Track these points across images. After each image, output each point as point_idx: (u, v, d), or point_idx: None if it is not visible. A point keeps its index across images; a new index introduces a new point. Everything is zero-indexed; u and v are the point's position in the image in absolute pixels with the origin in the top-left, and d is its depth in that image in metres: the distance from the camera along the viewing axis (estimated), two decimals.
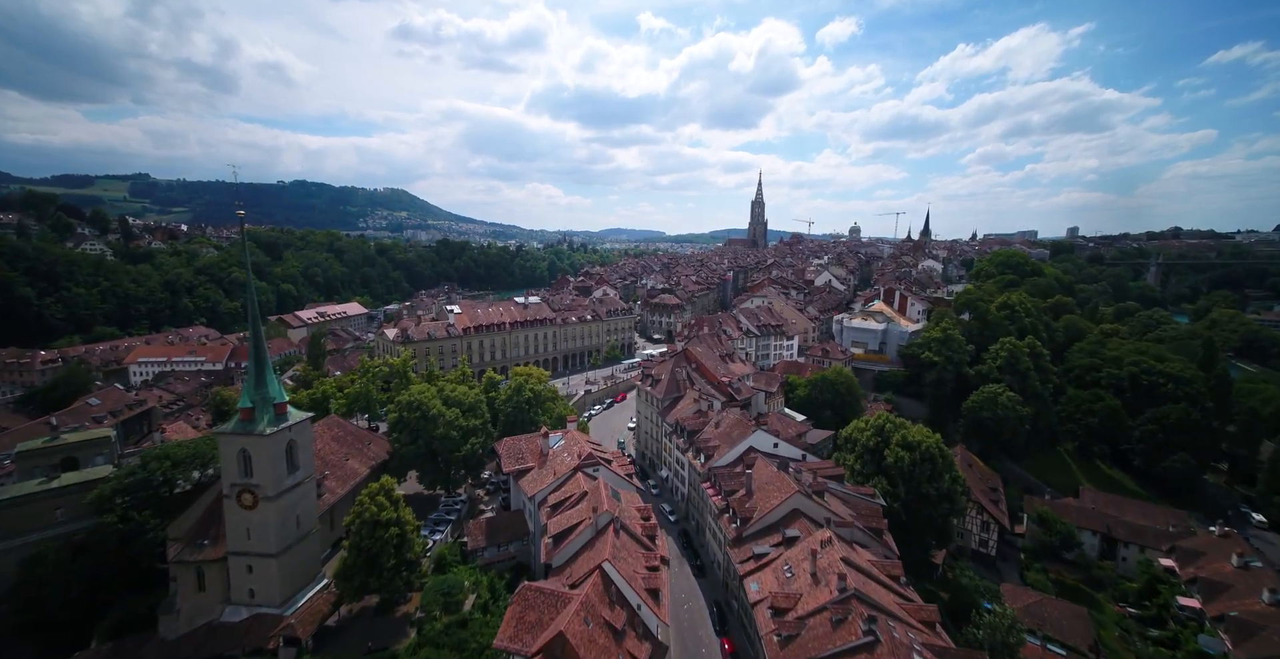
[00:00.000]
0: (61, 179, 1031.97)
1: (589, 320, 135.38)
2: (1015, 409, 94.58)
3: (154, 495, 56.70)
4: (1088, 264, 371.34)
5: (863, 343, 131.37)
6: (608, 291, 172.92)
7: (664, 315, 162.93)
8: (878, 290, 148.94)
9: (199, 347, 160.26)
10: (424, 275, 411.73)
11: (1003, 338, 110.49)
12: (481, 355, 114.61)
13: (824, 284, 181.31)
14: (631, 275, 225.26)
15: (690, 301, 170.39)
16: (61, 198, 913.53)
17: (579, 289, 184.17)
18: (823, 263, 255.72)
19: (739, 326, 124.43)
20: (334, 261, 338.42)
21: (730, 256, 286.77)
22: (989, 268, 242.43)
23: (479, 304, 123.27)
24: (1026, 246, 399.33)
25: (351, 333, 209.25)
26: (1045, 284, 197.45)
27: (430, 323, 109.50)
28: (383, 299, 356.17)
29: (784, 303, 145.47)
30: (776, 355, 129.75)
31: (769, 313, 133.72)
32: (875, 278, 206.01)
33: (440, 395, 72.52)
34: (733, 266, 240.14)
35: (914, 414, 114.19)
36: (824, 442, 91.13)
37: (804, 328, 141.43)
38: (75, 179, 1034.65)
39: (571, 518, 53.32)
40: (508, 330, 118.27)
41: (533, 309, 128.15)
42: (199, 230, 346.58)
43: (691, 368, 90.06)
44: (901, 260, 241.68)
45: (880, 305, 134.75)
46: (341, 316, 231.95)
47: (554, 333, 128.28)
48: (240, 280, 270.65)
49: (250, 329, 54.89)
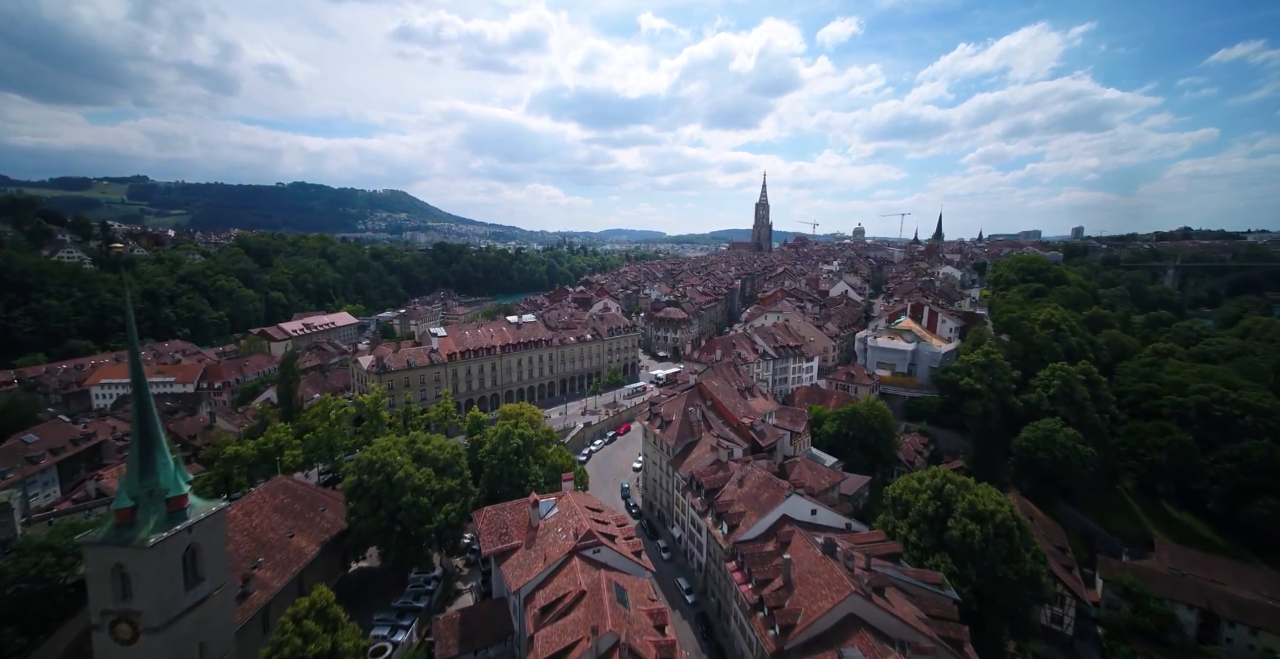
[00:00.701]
0: (59, 182, 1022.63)
1: (588, 340, 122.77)
2: (1077, 449, 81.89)
3: (27, 599, 44.10)
4: (1102, 266, 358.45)
5: (890, 365, 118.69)
6: (608, 305, 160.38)
7: (670, 330, 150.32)
8: (903, 305, 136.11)
9: (169, 365, 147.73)
10: (420, 280, 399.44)
11: (1052, 364, 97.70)
12: (469, 383, 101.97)
13: (840, 295, 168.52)
14: (633, 284, 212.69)
15: (697, 315, 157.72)
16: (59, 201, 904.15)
17: (578, 301, 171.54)
18: (834, 270, 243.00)
19: (754, 348, 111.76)
20: (326, 267, 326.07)
21: (736, 262, 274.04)
22: (1008, 274, 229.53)
23: (466, 326, 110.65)
24: (1038, 248, 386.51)
25: (338, 346, 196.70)
26: (1074, 293, 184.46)
27: (410, 349, 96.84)
28: (377, 306, 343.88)
29: (800, 319, 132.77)
30: (795, 379, 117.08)
31: (786, 331, 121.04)
32: (891, 287, 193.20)
33: (410, 450, 59.96)
34: (740, 274, 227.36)
35: (951, 446, 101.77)
36: (861, 490, 78.65)
37: (824, 347, 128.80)
38: (73, 182, 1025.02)
39: (565, 635, 40.74)
40: (498, 355, 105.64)
41: (526, 329, 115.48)
42: (187, 236, 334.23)
43: (706, 406, 77.43)
44: (918, 267, 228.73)
45: (908, 322, 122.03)
46: (329, 328, 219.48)
47: (550, 355, 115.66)
48: (228, 289, 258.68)
49: (132, 385, 38.53)
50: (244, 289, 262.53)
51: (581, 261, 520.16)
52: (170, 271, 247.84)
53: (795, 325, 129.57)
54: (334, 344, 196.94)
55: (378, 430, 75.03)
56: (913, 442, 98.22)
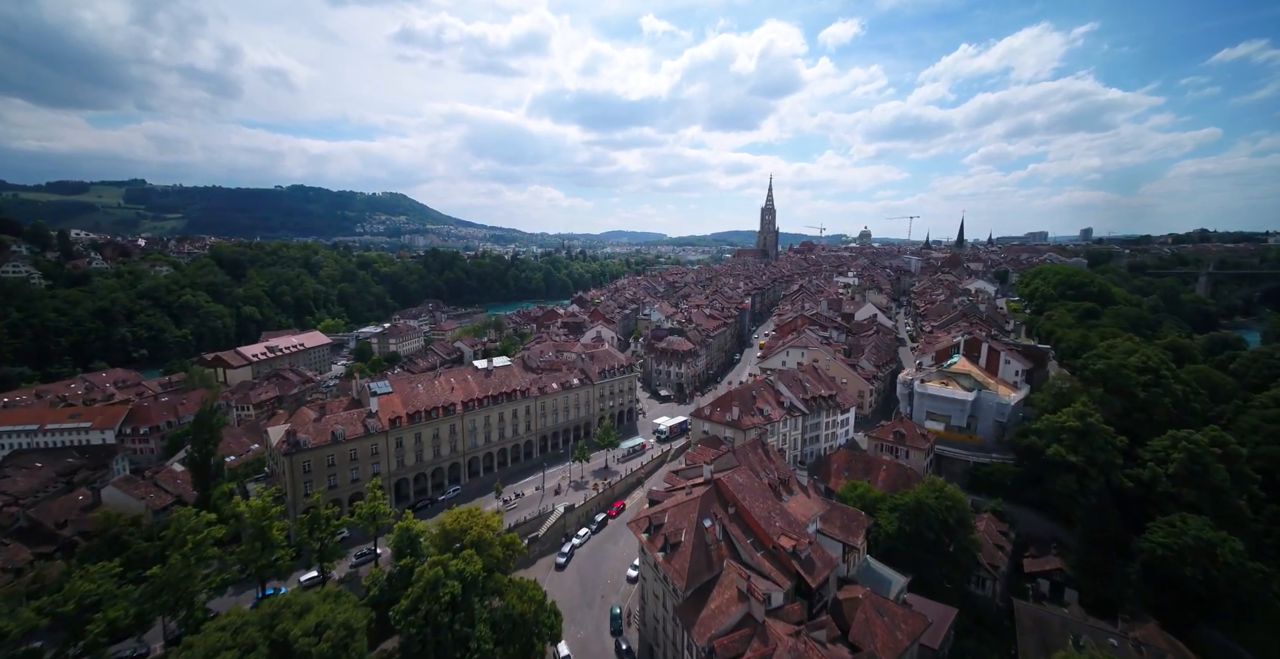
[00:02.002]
0: (56, 186, 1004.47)
1: (575, 386, 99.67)
2: (1243, 566, 58.72)
3: None
4: (1129, 273, 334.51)
5: (943, 416, 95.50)
6: (602, 334, 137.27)
7: (673, 364, 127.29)
8: (950, 337, 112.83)
9: (85, 407, 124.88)
10: (410, 290, 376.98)
11: (1172, 432, 74.35)
12: (418, 454, 78.99)
13: (868, 319, 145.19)
14: (632, 303, 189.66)
15: (704, 343, 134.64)
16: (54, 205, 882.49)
17: (568, 326, 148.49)
18: (851, 282, 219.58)
19: (778, 400, 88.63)
20: (307, 278, 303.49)
21: (743, 273, 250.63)
22: (1044, 287, 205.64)
23: (420, 378, 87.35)
24: (1059, 255, 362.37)
25: (302, 373, 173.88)
26: (1132, 315, 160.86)
27: (341, 415, 73.83)
28: (362, 318, 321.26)
29: (828, 354, 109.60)
30: (829, 437, 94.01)
31: (814, 375, 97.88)
32: (921, 306, 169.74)
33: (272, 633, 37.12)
34: (749, 289, 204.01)
35: (1038, 533, 78.57)
36: (947, 634, 55.72)
37: (859, 391, 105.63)
38: (70, 186, 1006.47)
39: None
40: (459, 414, 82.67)
41: (499, 376, 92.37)
42: (158, 245, 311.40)
43: (728, 515, 54.44)
44: (945, 281, 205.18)
45: (964, 363, 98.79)
46: (297, 350, 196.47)
47: (528, 408, 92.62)
48: (194, 304, 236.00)
49: None
50: (212, 304, 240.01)
51: (580, 268, 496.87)
52: (130, 286, 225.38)
53: (824, 364, 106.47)
54: (297, 371, 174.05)
55: (261, 555, 52.16)
56: (986, 528, 75.08)
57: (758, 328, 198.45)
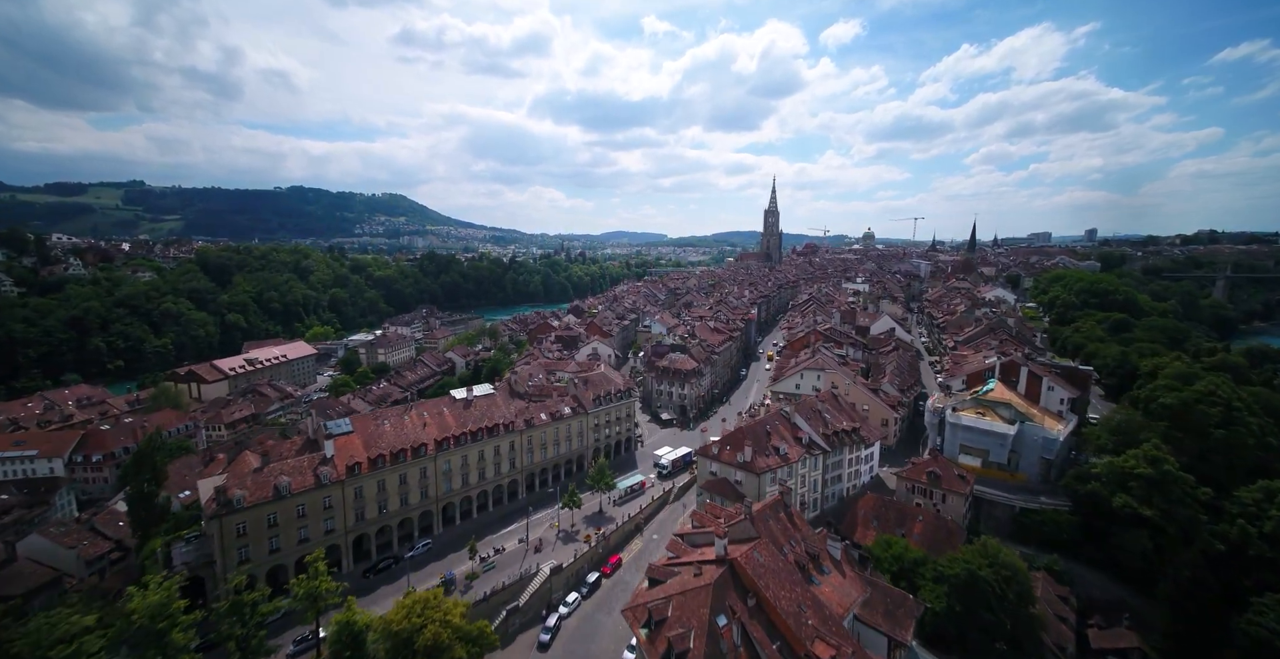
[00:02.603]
0: (54, 187, 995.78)
1: (567, 416, 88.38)
2: None
3: None
4: (1143, 277, 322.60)
5: (980, 451, 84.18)
6: (599, 350, 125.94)
7: (676, 384, 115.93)
8: (980, 356, 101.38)
9: (33, 432, 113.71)
10: (405, 294, 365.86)
11: (1264, 482, 62.98)
12: (381, 505, 67.75)
13: (884, 332, 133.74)
14: (631, 312, 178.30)
15: (708, 361, 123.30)
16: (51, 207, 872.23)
17: (562, 341, 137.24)
18: (862, 290, 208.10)
19: (796, 435, 77.33)
20: (296, 283, 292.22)
21: (746, 279, 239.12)
22: (1064, 295, 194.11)
23: (388, 413, 75.96)
24: (1070, 258, 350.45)
25: (282, 389, 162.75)
26: (1169, 327, 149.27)
27: (290, 461, 62.66)
28: (355, 324, 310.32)
29: (847, 376, 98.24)
30: (853, 475, 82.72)
31: (834, 403, 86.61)
32: (939, 315, 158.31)
33: None
34: (755, 297, 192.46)
35: (1103, 598, 67.17)
36: None
37: (883, 419, 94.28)
38: (68, 187, 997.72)
39: None
40: (431, 454, 71.49)
41: (480, 408, 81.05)
42: (144, 249, 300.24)
43: (748, 608, 43.17)
44: (961, 288, 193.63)
45: (1001, 390, 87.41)
46: (279, 362, 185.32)
47: (513, 444, 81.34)
48: (175, 312, 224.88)
49: None
50: (194, 312, 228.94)
51: (579, 271, 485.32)
52: (107, 293, 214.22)
53: (843, 389, 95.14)
54: (276, 386, 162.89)
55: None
56: (1043, 591, 63.69)
57: (764, 338, 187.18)
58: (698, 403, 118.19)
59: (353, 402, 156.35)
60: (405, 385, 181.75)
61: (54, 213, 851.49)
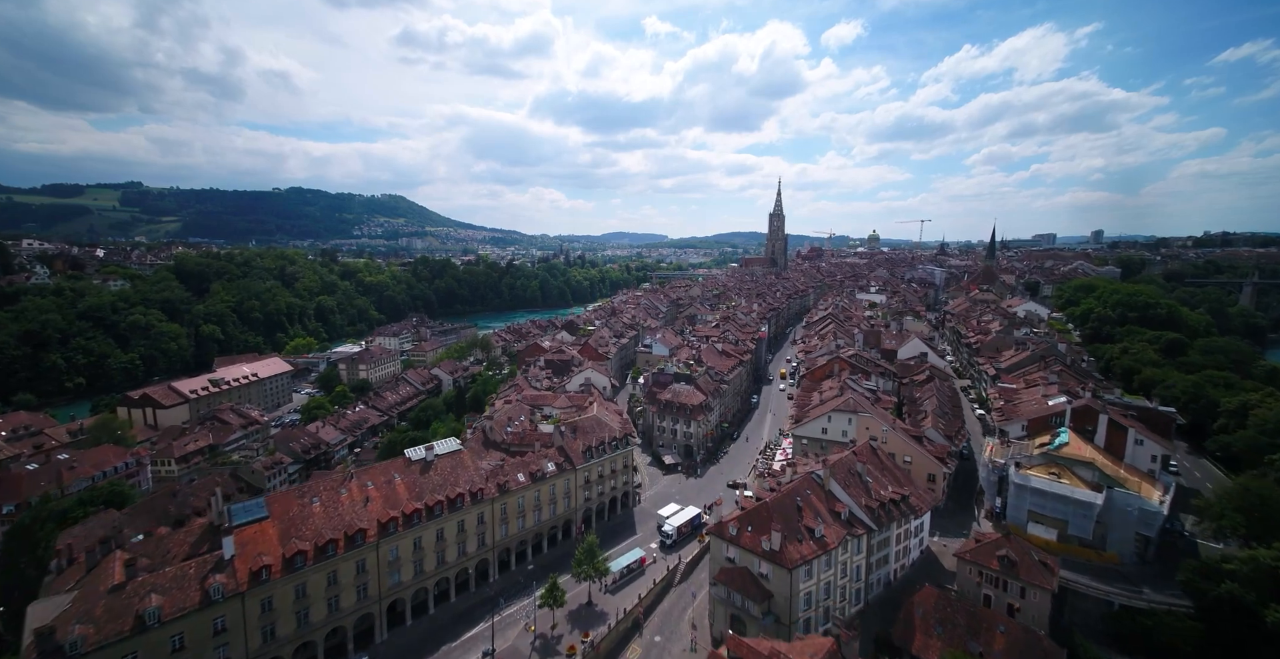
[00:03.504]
0: (51, 188, 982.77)
1: (552, 473, 72.25)
2: None
3: None
4: (1166, 282, 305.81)
5: (1056, 521, 68.02)
6: (593, 379, 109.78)
7: (681, 421, 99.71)
8: (1055, 405, 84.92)
9: None
10: (396, 301, 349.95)
11: None
12: (302, 615, 51.75)
13: (914, 357, 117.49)
14: (630, 329, 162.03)
15: (717, 392, 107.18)
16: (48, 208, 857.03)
17: (552, 366, 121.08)
18: (876, 301, 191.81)
19: (834, 509, 61.20)
20: (281, 291, 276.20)
21: (753, 288, 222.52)
22: (1099, 309, 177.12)
23: (322, 485, 59.54)
24: (1088, 263, 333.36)
25: (247, 413, 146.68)
26: (1232, 348, 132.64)
27: (169, 571, 46.57)
28: (342, 334, 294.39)
29: (882, 421, 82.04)
30: (901, 553, 66.59)
31: (874, 463, 70.48)
32: (970, 334, 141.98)
33: None
34: (764, 311, 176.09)
35: None
36: None
37: (929, 475, 78.10)
38: (65, 188, 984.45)
39: None
40: (372, 541, 55.54)
41: (442, 470, 64.96)
42: (120, 256, 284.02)
43: None
44: (985, 301, 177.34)
45: (1078, 445, 71.28)
46: (249, 381, 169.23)
47: (483, 515, 65.32)
48: (143, 324, 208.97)
49: None
50: (165, 324, 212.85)
51: (578, 275, 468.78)
52: (70, 305, 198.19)
53: (878, 435, 79.01)
54: (241, 411, 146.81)
55: None
56: None
57: (774, 356, 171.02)
58: (705, 442, 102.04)
59: (322, 430, 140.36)
60: (385, 407, 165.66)
61: (50, 214, 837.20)
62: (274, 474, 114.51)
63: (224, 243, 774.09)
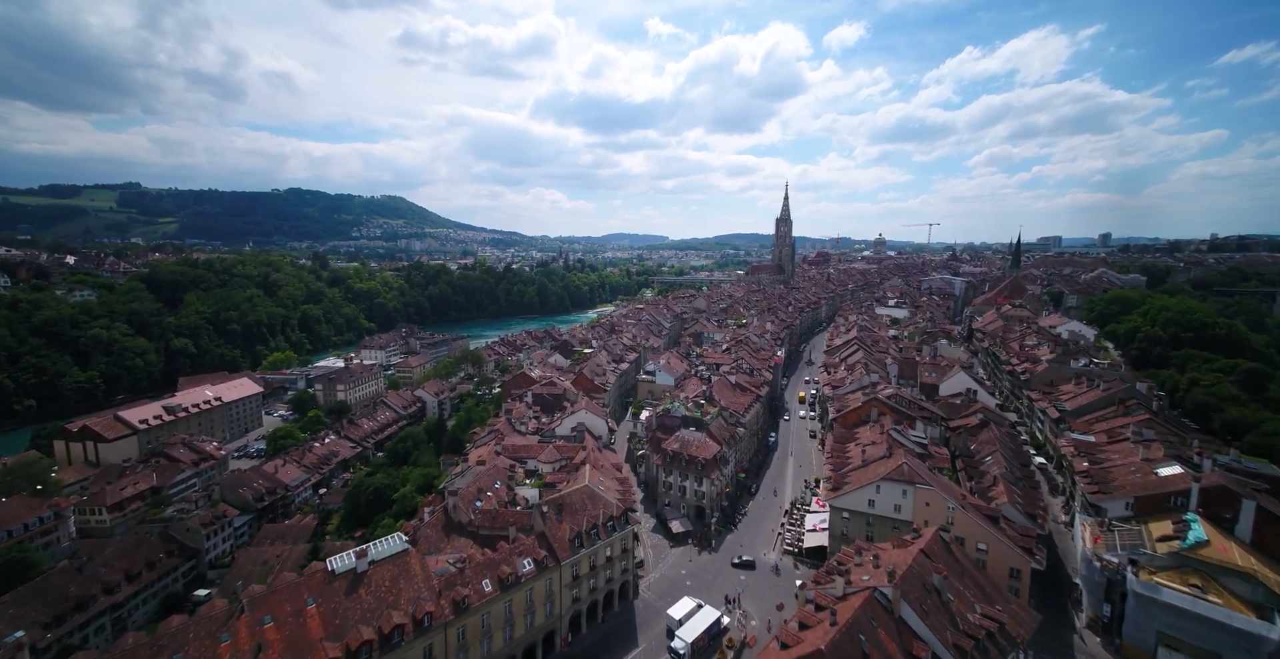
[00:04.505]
0: (48, 189, 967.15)
1: (528, 574, 55.03)
2: None
3: None
4: (1194, 291, 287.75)
5: (1206, 652, 50.70)
6: (586, 422, 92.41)
7: (691, 477, 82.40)
8: (1163, 471, 67.60)
9: None
10: (388, 308, 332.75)
11: None
12: None
13: (960, 395, 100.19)
14: (631, 351, 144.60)
15: (733, 439, 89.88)
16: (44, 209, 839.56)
17: (540, 403, 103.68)
18: (898, 316, 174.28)
19: (910, 651, 43.93)
20: (263, 301, 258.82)
21: (764, 303, 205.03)
22: (1149, 329, 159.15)
23: (202, 621, 42.56)
24: (1109, 269, 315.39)
25: (201, 448, 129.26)
26: None
27: None
28: (329, 345, 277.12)
29: (948, 497, 64.70)
30: None
31: (951, 567, 53.20)
32: (1014, 361, 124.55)
33: None
34: (779, 331, 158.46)
35: None
36: None
37: (1011, 569, 60.64)
38: (63, 189, 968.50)
39: None
40: None
41: (378, 585, 47.74)
42: (93, 264, 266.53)
43: None
44: (1020, 317, 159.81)
45: (1218, 541, 54.14)
46: (211, 406, 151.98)
47: (436, 645, 48.21)
48: (105, 340, 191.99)
49: None
50: (131, 339, 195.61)
51: (578, 280, 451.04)
52: (22, 319, 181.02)
53: (940, 510, 61.72)
54: (194, 445, 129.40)
55: None
56: None
57: (789, 379, 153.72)
58: (719, 501, 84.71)
59: (282, 469, 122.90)
60: (360, 437, 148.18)
61: (47, 215, 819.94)
62: (215, 530, 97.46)
63: (221, 244, 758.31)
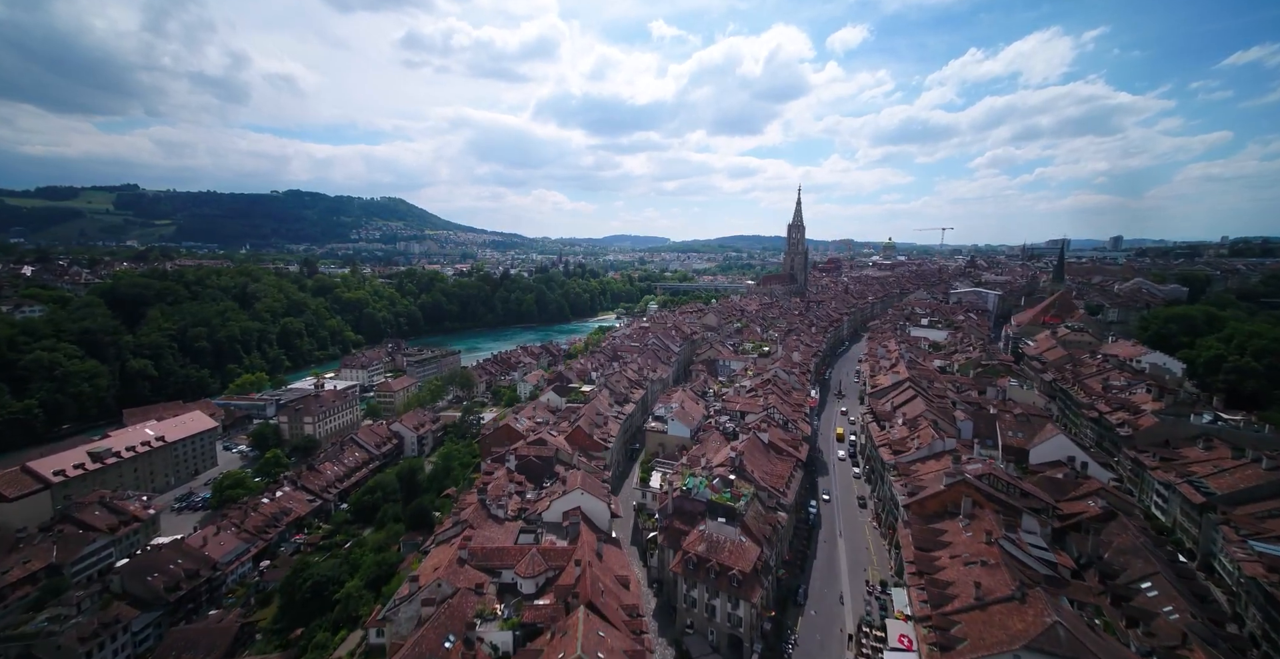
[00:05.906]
0: (45, 191, 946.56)
1: None
2: None
3: None
4: (1239, 302, 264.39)
5: None
6: (584, 508, 69.63)
7: (724, 594, 59.76)
8: None
9: None
10: (377, 319, 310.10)
11: None
12: None
13: (1056, 463, 77.67)
14: (638, 386, 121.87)
15: (774, 533, 67.31)
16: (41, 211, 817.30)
17: (526, 470, 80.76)
18: (939, 341, 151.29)
19: None
20: (238, 314, 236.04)
21: (784, 324, 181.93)
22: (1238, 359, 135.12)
23: None
24: (1139, 275, 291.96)
25: (123, 507, 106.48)
26: None
27: None
28: (310, 360, 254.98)
29: None
30: None
31: None
32: (1092, 399, 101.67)
33: None
34: (807, 358, 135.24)
35: None
36: None
37: None
38: (59, 191, 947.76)
39: None
40: None
41: None
42: (52, 275, 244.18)
43: None
44: (1087, 344, 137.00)
45: None
46: (152, 448, 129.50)
47: None
48: (49, 363, 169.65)
49: None
50: (78, 361, 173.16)
51: (578, 287, 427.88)
52: None
53: None
54: (114, 504, 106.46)
55: None
56: None
57: (820, 415, 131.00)
58: (759, 623, 62.01)
59: (214, 539, 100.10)
60: (321, 487, 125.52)
61: (42, 218, 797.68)
62: (104, 642, 74.62)
63: (217, 247, 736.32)
